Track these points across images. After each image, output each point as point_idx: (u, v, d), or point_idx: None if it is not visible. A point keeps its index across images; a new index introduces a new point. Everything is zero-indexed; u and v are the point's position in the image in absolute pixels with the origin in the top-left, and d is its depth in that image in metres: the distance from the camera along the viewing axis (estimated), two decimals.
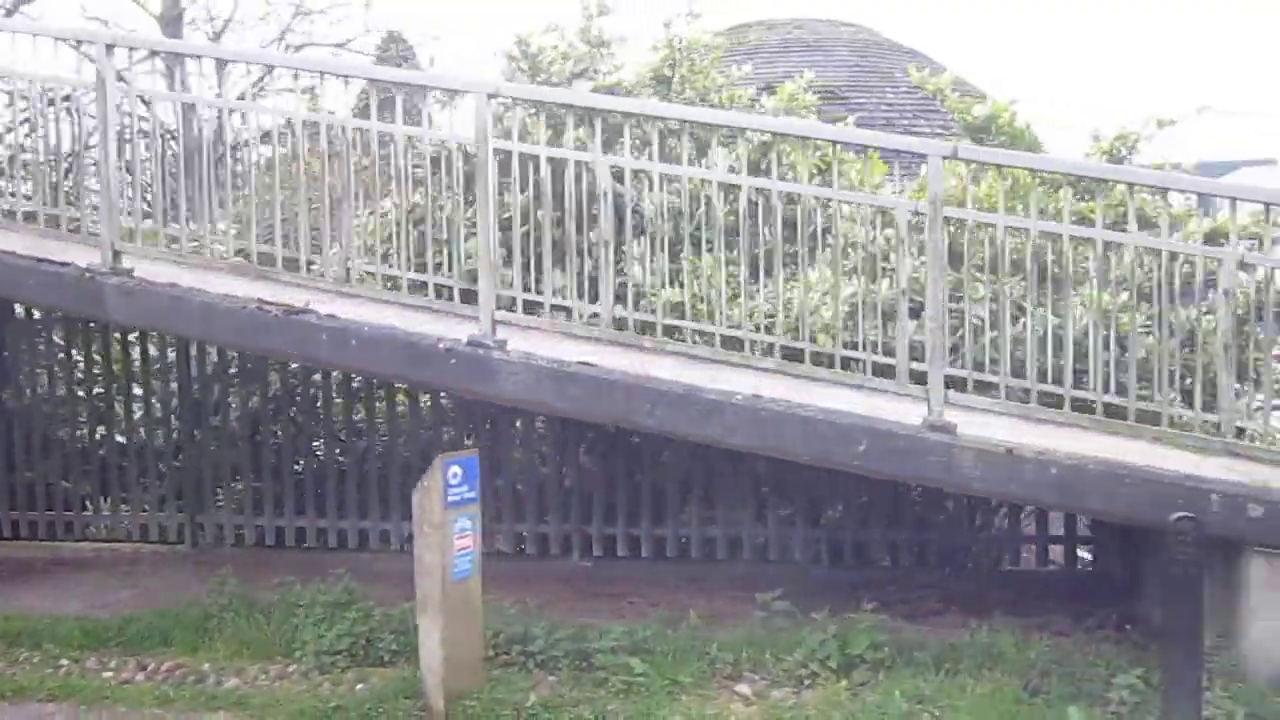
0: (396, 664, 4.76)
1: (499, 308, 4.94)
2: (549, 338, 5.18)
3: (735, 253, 5.19)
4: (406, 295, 5.28)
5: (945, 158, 4.63)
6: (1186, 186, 5.10)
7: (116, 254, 5.22)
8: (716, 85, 8.82)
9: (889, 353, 5.03)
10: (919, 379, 4.77)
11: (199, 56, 5.93)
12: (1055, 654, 4.66)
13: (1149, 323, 5.04)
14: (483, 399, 5.25)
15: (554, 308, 5.22)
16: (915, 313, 4.96)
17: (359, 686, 4.61)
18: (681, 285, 5.31)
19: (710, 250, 5.23)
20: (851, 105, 12.25)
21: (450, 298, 5.26)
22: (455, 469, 4.32)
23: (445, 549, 4.29)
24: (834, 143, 5.14)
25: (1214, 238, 7.54)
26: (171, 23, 9.48)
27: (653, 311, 5.15)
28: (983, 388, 5.00)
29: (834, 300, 5.19)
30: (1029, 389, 4.95)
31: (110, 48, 5.25)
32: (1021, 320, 5.07)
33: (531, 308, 5.24)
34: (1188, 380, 5.05)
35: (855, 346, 5.12)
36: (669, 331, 5.17)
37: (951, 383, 4.81)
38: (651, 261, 5.22)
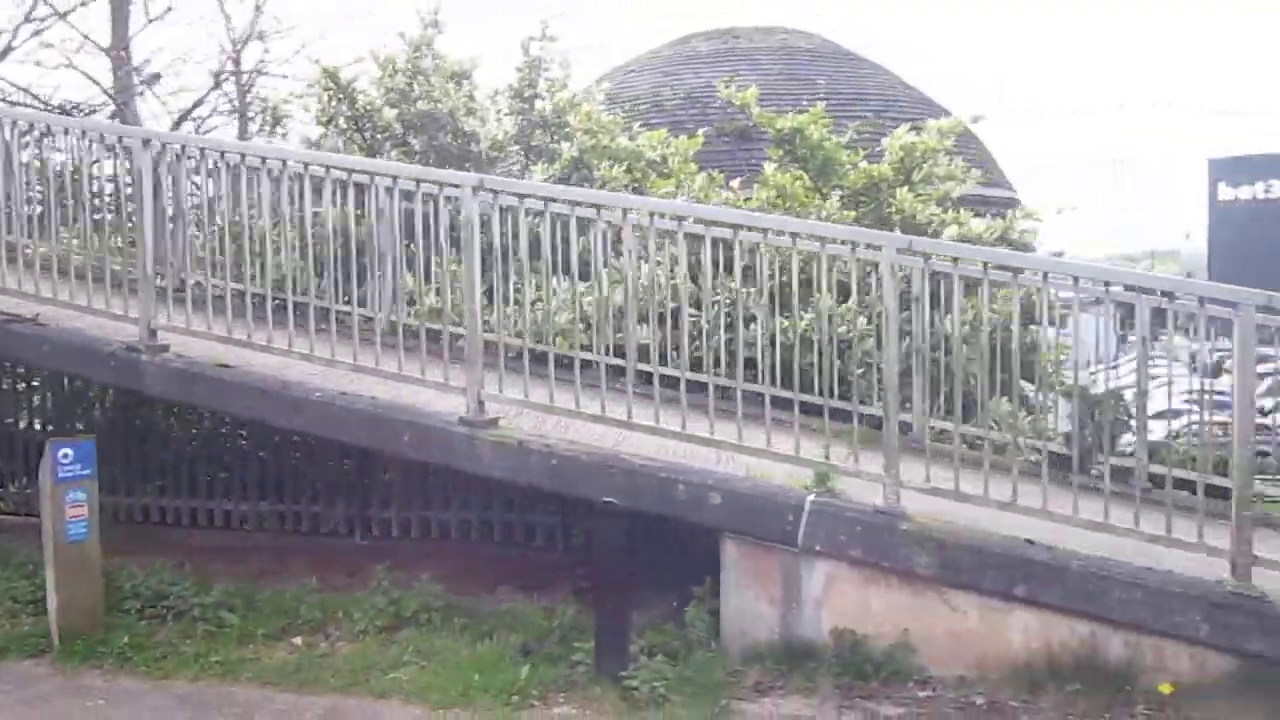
0: None
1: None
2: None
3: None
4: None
5: (474, 188, 5.27)
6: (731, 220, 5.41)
7: None
8: (574, 102, 9.63)
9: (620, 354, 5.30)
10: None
11: None
12: (577, 623, 5.27)
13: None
14: (143, 395, 6.20)
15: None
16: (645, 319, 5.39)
17: (25, 628, 5.67)
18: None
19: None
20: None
21: None
22: (65, 451, 5.32)
23: (58, 516, 5.29)
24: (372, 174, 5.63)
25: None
26: (120, 53, 10.84)
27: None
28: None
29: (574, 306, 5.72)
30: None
31: None
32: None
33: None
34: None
35: (591, 349, 5.39)
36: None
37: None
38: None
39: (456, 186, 5.29)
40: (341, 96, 8.65)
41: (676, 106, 13.15)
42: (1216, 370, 5.52)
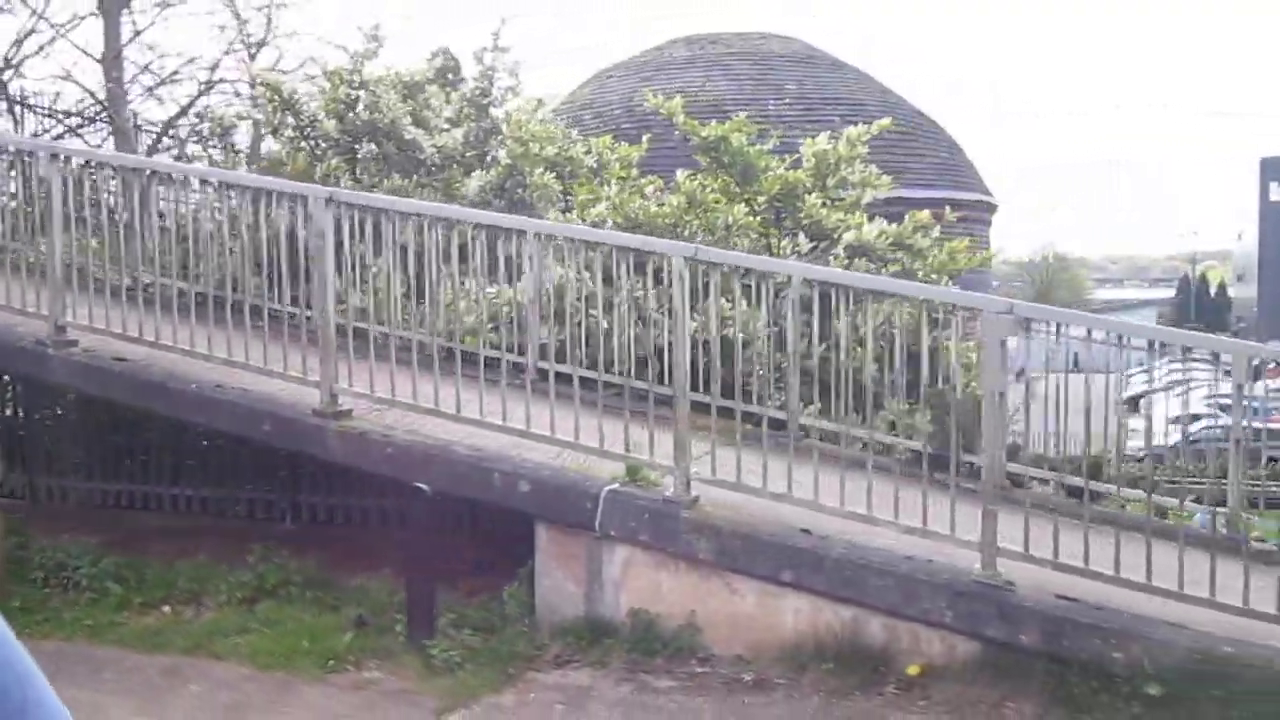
0: None
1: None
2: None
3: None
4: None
5: (326, 200, 5.74)
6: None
7: None
8: (526, 109, 10.16)
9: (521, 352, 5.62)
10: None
11: None
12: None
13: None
14: (52, 386, 6.81)
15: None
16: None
17: None
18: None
19: None
20: (729, 116, 13.09)
21: None
22: None
23: None
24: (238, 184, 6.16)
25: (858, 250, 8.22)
26: (112, 63, 11.56)
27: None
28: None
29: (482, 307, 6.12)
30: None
31: None
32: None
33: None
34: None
35: (498, 347, 5.70)
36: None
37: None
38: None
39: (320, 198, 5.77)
40: (285, 109, 9.22)
41: (646, 112, 13.51)
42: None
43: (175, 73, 14.07)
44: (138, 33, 12.15)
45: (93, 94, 11.63)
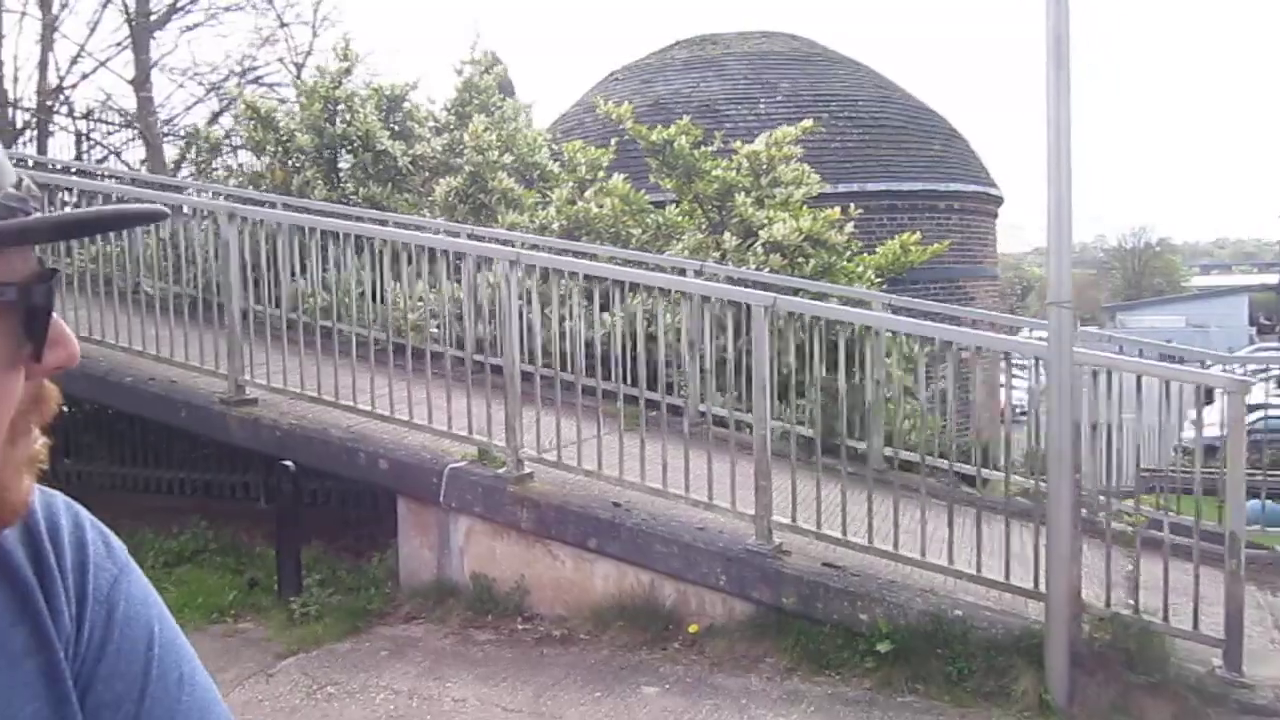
0: None
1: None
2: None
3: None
4: None
5: (229, 215, 6.53)
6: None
7: None
8: (505, 117, 10.92)
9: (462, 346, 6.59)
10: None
11: None
12: (309, 561, 6.47)
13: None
14: None
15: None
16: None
17: None
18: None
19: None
20: (721, 116, 13.59)
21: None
22: None
23: None
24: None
25: (775, 246, 8.69)
26: (141, 84, 12.71)
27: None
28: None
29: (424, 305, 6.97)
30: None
31: None
32: None
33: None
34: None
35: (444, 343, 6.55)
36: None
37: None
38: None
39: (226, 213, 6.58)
40: (265, 125, 10.11)
41: (642, 115, 13.99)
42: None
43: (217, 86, 15.25)
44: (163, 56, 13.33)
45: (127, 113, 12.84)
